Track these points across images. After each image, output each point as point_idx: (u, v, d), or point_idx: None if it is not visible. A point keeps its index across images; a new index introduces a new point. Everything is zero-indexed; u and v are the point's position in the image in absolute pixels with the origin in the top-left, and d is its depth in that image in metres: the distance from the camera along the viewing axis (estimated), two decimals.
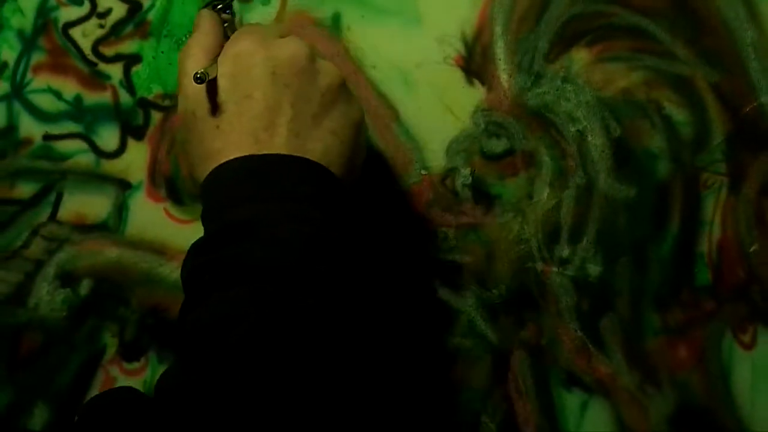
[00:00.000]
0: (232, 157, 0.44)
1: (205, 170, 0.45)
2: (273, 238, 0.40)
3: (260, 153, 0.43)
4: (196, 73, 0.44)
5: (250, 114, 0.45)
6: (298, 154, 0.44)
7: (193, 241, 0.56)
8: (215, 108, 0.45)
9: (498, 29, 0.55)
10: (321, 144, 0.45)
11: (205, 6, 0.54)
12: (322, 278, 0.39)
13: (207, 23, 0.50)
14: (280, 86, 0.45)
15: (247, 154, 0.43)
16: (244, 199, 0.42)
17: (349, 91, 0.48)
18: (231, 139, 0.44)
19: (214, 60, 0.47)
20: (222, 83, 0.45)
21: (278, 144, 0.44)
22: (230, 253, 0.40)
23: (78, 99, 0.59)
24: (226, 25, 0.53)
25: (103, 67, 0.58)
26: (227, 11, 0.54)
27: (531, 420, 0.57)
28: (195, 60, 0.47)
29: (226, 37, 0.52)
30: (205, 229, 0.44)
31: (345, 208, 0.45)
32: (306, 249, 0.40)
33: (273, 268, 0.39)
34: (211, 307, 0.39)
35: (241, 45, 0.46)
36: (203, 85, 0.45)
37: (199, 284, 0.41)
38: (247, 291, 0.39)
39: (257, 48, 0.45)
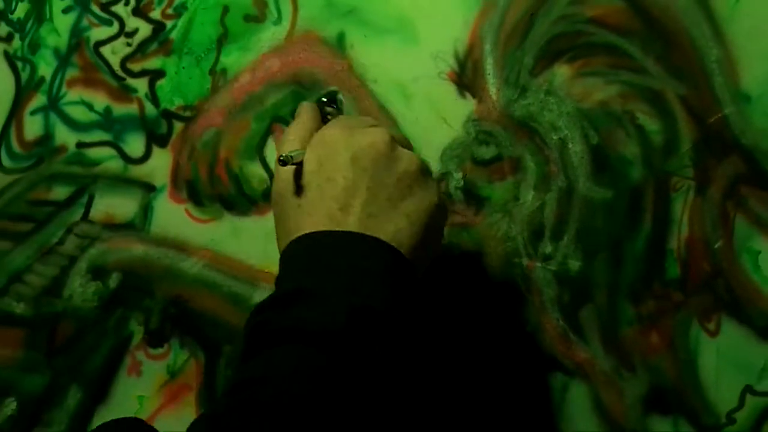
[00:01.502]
0: (309, 232, 0.45)
1: (283, 243, 0.47)
2: (331, 306, 0.40)
3: (334, 230, 0.44)
4: (281, 156, 0.45)
5: (330, 195, 0.46)
6: (370, 233, 0.44)
7: (211, 238, 0.60)
8: (299, 189, 0.46)
9: (487, 47, 0.57)
10: (393, 225, 0.45)
11: (317, 101, 0.56)
12: (368, 351, 0.39)
13: (305, 114, 0.52)
14: (358, 170, 0.46)
15: (322, 230, 0.44)
16: (312, 269, 0.43)
17: (427, 178, 0.48)
18: (310, 218, 0.45)
19: (304, 147, 0.48)
20: (307, 167, 0.47)
21: (351, 223, 0.45)
22: (288, 315, 0.41)
23: (108, 110, 0.62)
24: (329, 117, 0.54)
25: (130, 81, 0.61)
26: (333, 106, 0.56)
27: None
28: (287, 146, 0.49)
29: None
30: (274, 292, 0.45)
31: (412, 287, 0.44)
32: (360, 321, 0.40)
33: (324, 332, 0.39)
34: (259, 361, 0.40)
35: (328, 132, 0.48)
36: (291, 168, 0.46)
37: (255, 339, 0.41)
38: (295, 351, 0.39)
39: (342, 135, 0.47)
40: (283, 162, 0.45)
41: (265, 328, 0.41)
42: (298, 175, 0.47)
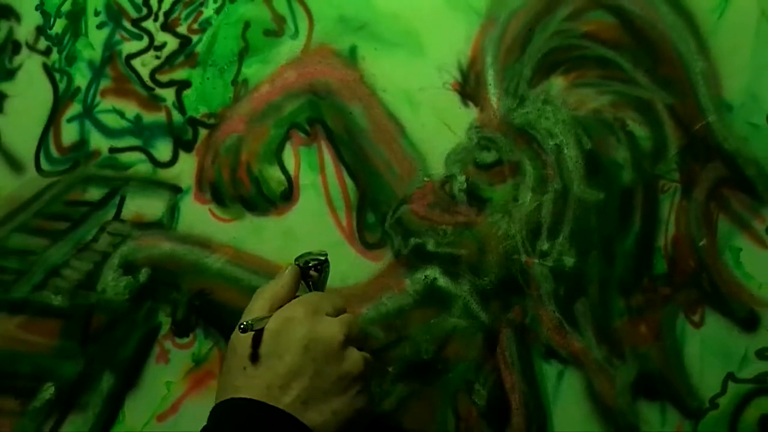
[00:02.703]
0: (246, 397, 0.46)
1: (221, 396, 0.48)
2: None
3: (268, 404, 0.46)
4: (241, 323, 0.47)
5: (274, 371, 0.47)
6: (297, 417, 0.46)
7: (233, 236, 0.61)
8: (254, 356, 0.47)
9: (488, 59, 0.59)
10: (320, 417, 0.47)
11: (301, 262, 0.55)
12: None
13: (287, 278, 0.52)
14: (307, 358, 0.47)
15: (256, 399, 0.46)
16: None
17: (364, 383, 0.49)
18: (250, 384, 0.47)
19: (271, 313, 0.49)
20: (265, 337, 0.48)
21: (285, 402, 0.46)
22: None
23: (138, 118, 0.64)
24: (310, 280, 0.55)
25: (158, 91, 0.63)
26: (317, 269, 0.55)
27: (516, 387, 0.59)
28: (259, 306, 0.50)
29: (315, 288, 0.55)
30: None
31: None
32: None
33: None
34: None
35: (293, 311, 0.49)
36: (250, 334, 0.47)
37: None
38: None
39: (304, 320, 0.48)
40: (243, 330, 0.47)
41: None
42: (256, 341, 0.48)
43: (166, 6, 0.62)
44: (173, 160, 0.63)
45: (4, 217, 0.64)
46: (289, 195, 0.61)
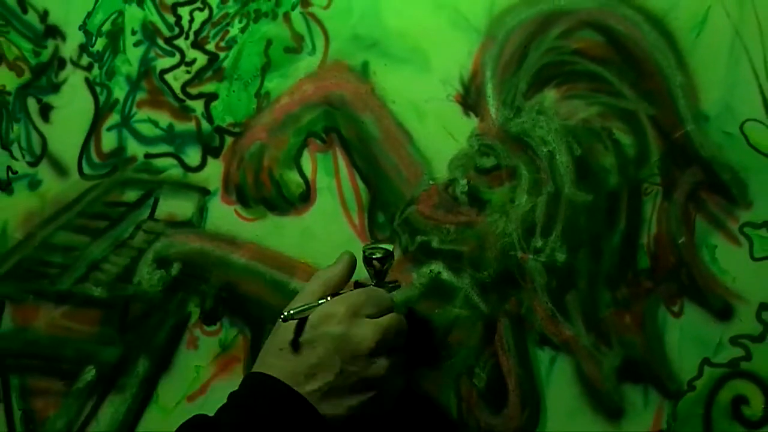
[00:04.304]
0: (274, 375, 0.49)
1: (256, 367, 0.51)
2: None
3: (291, 387, 0.48)
4: (283, 313, 0.49)
5: (304, 360, 0.49)
6: (314, 405, 0.48)
7: (256, 234, 0.63)
8: (294, 342, 0.50)
9: (488, 74, 0.60)
10: (334, 411, 0.49)
11: (366, 251, 0.56)
12: None
13: (342, 266, 0.54)
14: (337, 356, 0.49)
15: (282, 380, 0.48)
16: (255, 410, 0.47)
17: (386, 385, 0.50)
18: (281, 365, 0.49)
19: (321, 298, 0.51)
20: (306, 328, 0.50)
21: (306, 390, 0.48)
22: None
23: (170, 127, 0.66)
24: (372, 270, 0.56)
25: (189, 102, 0.66)
26: (380, 260, 0.56)
27: (512, 371, 0.60)
28: (312, 290, 0.52)
29: (378, 280, 0.56)
30: (225, 404, 0.49)
31: None
32: None
33: None
34: None
35: (335, 308, 0.51)
36: (294, 322, 0.50)
37: None
38: None
39: (343, 319, 0.50)
40: (284, 319, 0.49)
41: (203, 428, 0.48)
42: (298, 327, 0.50)
43: (196, 26, 0.65)
44: (202, 165, 0.65)
45: (50, 216, 0.68)
46: (306, 197, 0.64)
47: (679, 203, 0.58)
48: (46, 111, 0.68)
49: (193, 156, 0.66)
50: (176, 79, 0.66)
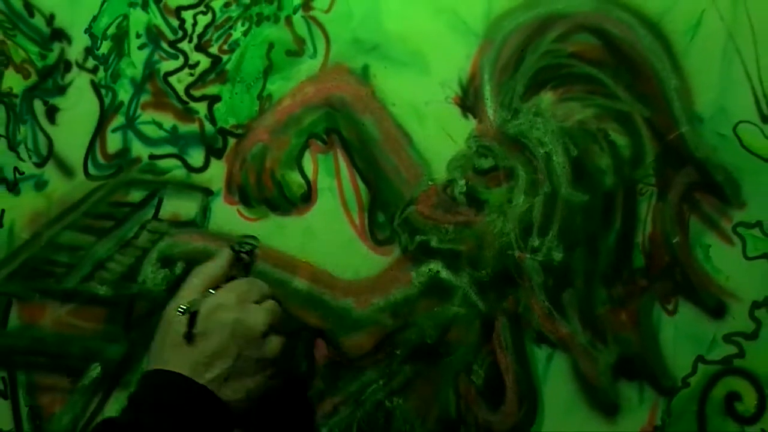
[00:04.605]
0: (174, 370, 0.50)
1: (152, 365, 0.52)
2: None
3: (191, 378, 0.50)
4: (180, 307, 0.51)
5: (201, 349, 0.51)
6: (216, 392, 0.50)
7: (258, 234, 0.64)
8: (188, 335, 0.51)
9: (486, 77, 0.61)
10: (236, 395, 0.51)
11: (235, 246, 0.59)
12: None
13: (222, 260, 0.56)
14: (233, 342, 0.51)
15: (182, 373, 0.50)
16: (156, 406, 0.49)
17: (280, 365, 0.53)
18: (179, 359, 0.50)
19: (205, 293, 0.53)
20: (198, 319, 0.51)
21: (206, 379, 0.50)
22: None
23: (174, 128, 0.67)
24: (242, 263, 0.59)
25: (192, 104, 0.67)
26: (249, 254, 0.59)
27: (510, 368, 0.60)
28: (195, 285, 0.54)
29: (246, 271, 0.58)
30: (128, 405, 0.50)
31: None
32: None
33: None
34: None
35: (224, 298, 0.53)
36: (187, 315, 0.51)
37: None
38: None
39: (233, 307, 0.52)
40: (182, 312, 0.51)
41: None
42: (189, 321, 0.51)
43: (199, 29, 0.66)
44: (205, 166, 0.66)
45: (56, 216, 0.68)
46: (308, 197, 0.64)
47: (674, 203, 0.58)
48: (52, 113, 0.69)
49: (196, 157, 0.66)
50: (180, 82, 0.67)
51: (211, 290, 0.54)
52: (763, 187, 0.57)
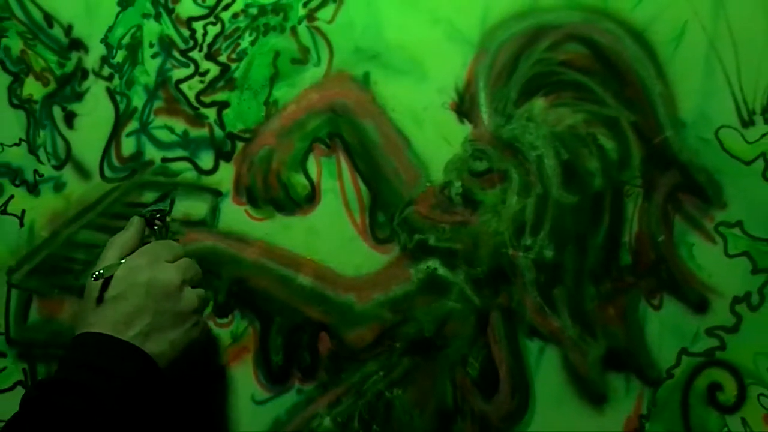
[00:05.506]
0: (96, 331, 0.51)
1: (77, 328, 0.53)
2: (81, 395, 0.48)
3: (114, 336, 0.51)
4: (94, 273, 0.52)
5: (120, 309, 0.52)
6: (140, 347, 0.51)
7: (265, 233, 0.64)
8: (101, 298, 0.53)
9: (481, 84, 0.62)
10: (159, 348, 0.52)
11: (146, 213, 0.61)
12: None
13: (134, 229, 0.58)
14: (149, 298, 0.52)
15: (106, 333, 0.51)
16: (86, 364, 0.50)
17: (198, 317, 0.55)
18: (100, 321, 0.52)
19: (119, 259, 0.54)
20: (113, 283, 0.53)
21: (129, 335, 0.51)
22: (52, 398, 0.49)
23: (185, 133, 0.67)
24: (155, 228, 0.61)
25: (202, 110, 0.67)
26: (160, 218, 0.61)
27: (504, 360, 0.61)
28: (111, 255, 0.55)
29: (160, 237, 0.60)
30: (57, 368, 0.51)
31: (158, 390, 0.52)
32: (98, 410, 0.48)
33: (67, 408, 0.47)
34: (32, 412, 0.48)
35: (137, 260, 0.54)
36: (100, 281, 0.53)
37: (29, 404, 0.49)
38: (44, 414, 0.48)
39: (146, 267, 0.54)
40: (96, 278, 0.52)
41: (35, 398, 0.50)
42: (104, 285, 0.53)
43: (209, 39, 0.67)
44: (215, 168, 0.66)
45: (74, 216, 0.68)
46: (312, 198, 0.65)
47: (659, 204, 0.59)
48: (70, 118, 0.69)
49: (206, 160, 0.67)
50: (191, 89, 0.67)
51: (125, 258, 0.55)
52: (744, 188, 0.58)
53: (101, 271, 0.53)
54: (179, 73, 0.67)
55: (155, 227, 0.61)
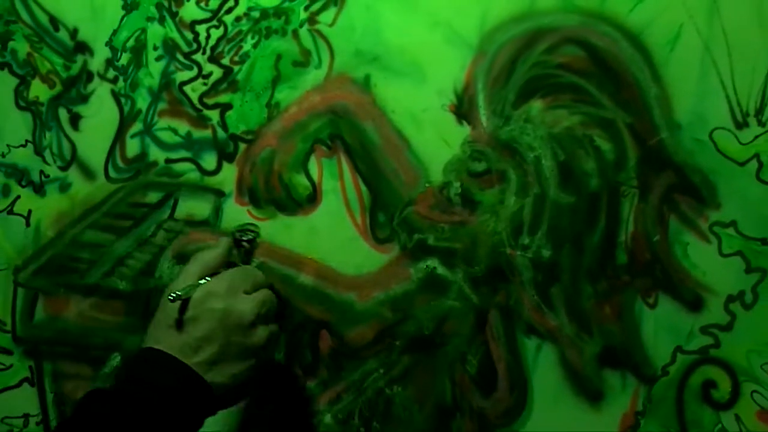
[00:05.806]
0: (164, 349, 0.51)
1: (146, 343, 0.53)
2: (139, 410, 0.48)
3: (179, 359, 0.51)
4: (171, 294, 0.51)
5: (191, 332, 0.52)
6: (202, 374, 0.51)
7: (267, 232, 0.64)
8: (180, 321, 0.52)
9: (479, 86, 0.62)
10: (220, 378, 0.52)
11: (236, 233, 0.60)
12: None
13: (221, 249, 0.57)
14: (221, 328, 0.52)
15: (171, 354, 0.51)
16: (143, 378, 0.50)
17: (266, 353, 0.54)
18: (170, 340, 0.52)
19: (199, 278, 0.54)
20: (190, 306, 0.52)
21: (194, 361, 0.51)
22: (114, 407, 0.49)
23: (188, 134, 0.68)
24: (242, 250, 0.60)
25: (205, 112, 0.68)
26: (249, 242, 0.61)
27: (502, 358, 0.61)
28: (193, 271, 0.54)
29: (246, 258, 0.59)
30: (116, 376, 0.51)
31: (204, 414, 0.51)
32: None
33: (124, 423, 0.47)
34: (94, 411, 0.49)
35: (216, 286, 0.53)
36: (178, 302, 0.52)
37: (87, 410, 0.49)
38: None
39: (224, 295, 0.53)
40: (173, 300, 0.52)
41: (89, 405, 0.50)
42: (182, 306, 0.52)
43: (212, 42, 0.67)
44: (218, 169, 0.67)
45: (79, 216, 0.69)
46: (313, 198, 0.65)
47: (654, 204, 0.59)
48: (75, 120, 0.70)
49: (209, 161, 0.67)
50: (194, 91, 0.67)
51: (207, 277, 0.54)
52: (738, 188, 0.58)
53: (179, 293, 0.52)
54: (183, 75, 0.68)
55: (242, 249, 0.60)
